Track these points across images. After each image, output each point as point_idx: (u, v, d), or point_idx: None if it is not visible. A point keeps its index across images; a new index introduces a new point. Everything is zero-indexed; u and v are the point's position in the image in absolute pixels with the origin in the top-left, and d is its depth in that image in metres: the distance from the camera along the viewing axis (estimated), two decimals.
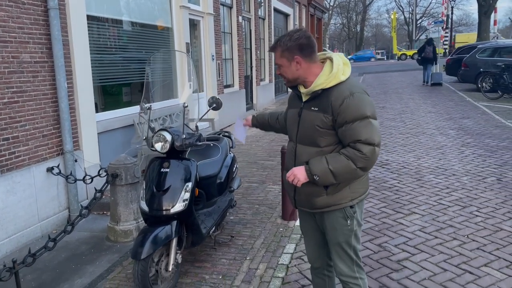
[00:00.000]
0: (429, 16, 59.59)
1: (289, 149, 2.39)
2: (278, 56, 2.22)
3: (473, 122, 9.33)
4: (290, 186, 2.34)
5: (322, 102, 2.16)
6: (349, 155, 2.10)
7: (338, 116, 2.10)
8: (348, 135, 2.11)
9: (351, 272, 2.34)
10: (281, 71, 2.25)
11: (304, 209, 2.38)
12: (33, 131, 4.39)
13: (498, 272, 3.28)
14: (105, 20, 5.84)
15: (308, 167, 2.16)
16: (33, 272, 3.66)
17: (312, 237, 2.50)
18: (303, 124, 2.26)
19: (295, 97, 2.39)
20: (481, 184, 5.32)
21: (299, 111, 2.30)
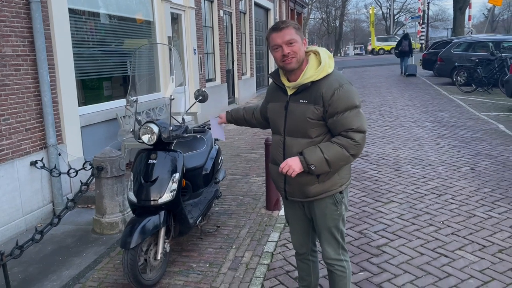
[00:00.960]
0: (406, 12, 60.49)
1: (276, 142, 2.42)
2: (293, 33, 2.20)
3: (449, 115, 9.63)
4: (280, 177, 2.40)
5: (312, 94, 2.22)
6: (342, 143, 2.19)
7: (329, 107, 2.18)
8: (340, 125, 2.20)
9: (337, 255, 2.47)
10: (294, 48, 2.19)
11: (296, 199, 2.43)
12: (16, 125, 4.37)
13: (471, 255, 3.47)
14: (87, 13, 5.82)
15: (303, 157, 2.22)
16: (20, 265, 3.67)
17: (298, 225, 2.60)
18: (292, 117, 2.29)
19: (277, 91, 2.41)
20: (456, 173, 5.55)
21: (285, 104, 2.33)
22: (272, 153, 2.47)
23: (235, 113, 2.87)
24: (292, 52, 2.19)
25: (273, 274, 3.32)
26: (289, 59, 2.20)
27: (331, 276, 2.54)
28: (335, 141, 2.22)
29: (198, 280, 3.28)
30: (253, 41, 14.50)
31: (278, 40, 2.19)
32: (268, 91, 2.54)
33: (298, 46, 2.20)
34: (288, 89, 2.32)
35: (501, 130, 7.93)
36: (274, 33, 2.21)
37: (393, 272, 3.26)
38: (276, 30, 2.21)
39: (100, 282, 3.35)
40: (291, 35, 2.19)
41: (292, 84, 2.28)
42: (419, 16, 36.38)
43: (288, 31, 2.19)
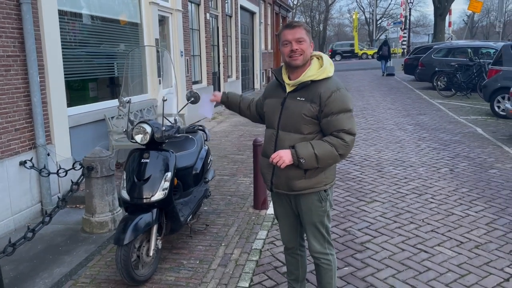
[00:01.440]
0: (388, 17, 61.49)
1: (269, 135, 2.54)
2: (304, 33, 2.36)
3: (429, 118, 9.91)
4: (268, 169, 2.52)
5: (310, 93, 2.36)
6: (332, 143, 2.33)
7: (325, 107, 2.32)
8: (333, 125, 2.33)
9: (323, 249, 2.60)
10: (302, 46, 2.34)
11: (281, 191, 2.53)
12: (5, 125, 4.40)
13: (450, 251, 3.65)
14: (76, 15, 5.87)
15: (295, 150, 2.33)
16: (10, 263, 3.71)
17: (286, 220, 2.70)
18: (287, 112, 2.42)
19: (276, 88, 2.55)
20: (436, 174, 5.76)
21: (282, 101, 2.46)
22: (264, 146, 2.59)
23: (232, 97, 2.92)
24: (300, 50, 2.34)
25: (262, 270, 3.44)
26: (296, 56, 2.35)
27: (318, 269, 2.67)
28: (327, 140, 2.35)
29: (189, 276, 3.37)
30: (239, 44, 14.63)
31: (289, 36, 2.34)
32: (267, 88, 2.68)
33: (306, 45, 2.36)
34: (287, 86, 2.45)
35: (479, 133, 8.22)
36: (286, 30, 2.37)
37: (376, 267, 3.42)
38: (289, 27, 2.37)
39: (92, 278, 3.42)
40: (301, 34, 2.34)
41: (292, 82, 2.42)
42: (401, 22, 37.08)
43: (299, 30, 2.35)
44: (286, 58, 2.39)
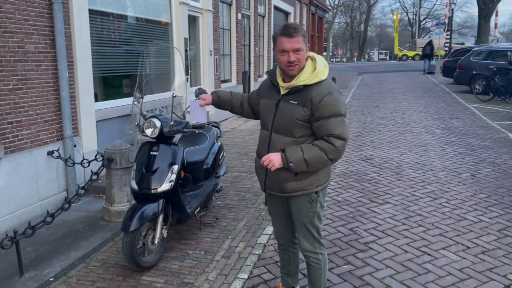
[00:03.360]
0: (433, 18, 59.68)
1: (263, 136, 2.57)
2: (301, 41, 2.30)
3: (461, 122, 9.64)
4: (262, 170, 2.56)
5: (303, 97, 2.35)
6: (322, 147, 2.33)
7: (316, 111, 2.32)
8: (324, 129, 2.33)
9: (313, 248, 2.64)
10: (299, 56, 2.31)
11: (274, 192, 2.58)
12: (35, 117, 4.71)
13: (454, 255, 3.61)
14: (106, 14, 6.16)
15: (285, 154, 2.34)
16: (32, 245, 3.99)
17: (279, 218, 2.76)
18: (281, 115, 2.43)
19: (271, 89, 2.54)
20: (455, 179, 5.65)
21: (276, 103, 2.47)
22: (258, 147, 2.63)
23: (223, 95, 2.90)
24: (297, 60, 2.31)
25: (263, 263, 3.54)
26: (293, 67, 2.32)
27: (308, 267, 2.73)
28: (317, 144, 2.35)
29: (193, 265, 3.52)
30: (271, 44, 14.74)
31: (287, 46, 2.29)
32: (262, 86, 2.67)
33: (303, 54, 2.32)
34: (281, 88, 2.45)
35: (510, 139, 7.94)
36: (284, 37, 2.29)
37: (375, 267, 3.44)
38: (287, 35, 2.28)
39: (102, 263, 3.64)
40: (299, 44, 2.29)
41: (286, 85, 2.41)
42: (444, 23, 35.90)
43: (298, 39, 2.29)
44: (283, 67, 2.36)
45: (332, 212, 4.62)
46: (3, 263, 3.67)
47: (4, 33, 4.23)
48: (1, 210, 4.30)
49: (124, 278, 3.36)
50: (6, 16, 4.24)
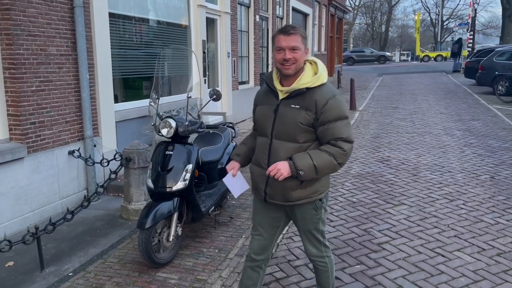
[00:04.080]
0: (456, 18, 58.62)
1: (261, 144, 2.43)
2: (299, 40, 2.25)
3: (482, 124, 9.48)
4: (262, 179, 2.41)
5: (305, 101, 2.28)
6: (331, 152, 2.27)
7: (321, 115, 2.26)
8: (330, 133, 2.27)
9: (320, 253, 2.59)
10: (296, 55, 2.24)
11: (276, 202, 2.43)
12: (57, 117, 4.87)
13: (468, 256, 3.58)
14: (125, 17, 6.31)
15: (293, 162, 2.24)
16: (53, 242, 4.13)
17: (267, 230, 2.57)
18: (282, 120, 2.33)
19: (268, 94, 2.43)
20: (474, 180, 5.57)
21: (275, 108, 2.36)
22: (257, 154, 2.48)
23: (241, 151, 2.70)
24: (293, 59, 2.23)
25: (275, 262, 3.58)
26: (288, 65, 2.25)
27: (316, 270, 2.69)
28: (324, 149, 2.28)
29: (206, 263, 3.59)
30: None
31: (283, 43, 2.24)
32: (258, 94, 2.56)
33: (300, 54, 2.25)
34: (280, 93, 2.36)
35: None
36: (282, 35, 2.26)
37: (388, 267, 3.44)
38: (284, 33, 2.25)
39: (119, 259, 3.74)
40: (296, 42, 2.23)
41: (286, 89, 2.32)
42: (467, 23, 35.25)
43: (295, 38, 2.24)
44: (278, 65, 2.30)
45: (346, 213, 4.63)
46: (25, 258, 3.81)
47: (27, 36, 4.39)
48: (24, 208, 4.46)
49: (140, 274, 3.45)
50: (29, 20, 4.40)
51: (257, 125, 2.50)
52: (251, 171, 2.53)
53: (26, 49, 4.38)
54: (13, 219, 4.34)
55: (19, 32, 4.29)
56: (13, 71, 4.28)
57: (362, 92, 16.57)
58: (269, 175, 2.30)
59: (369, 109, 12.32)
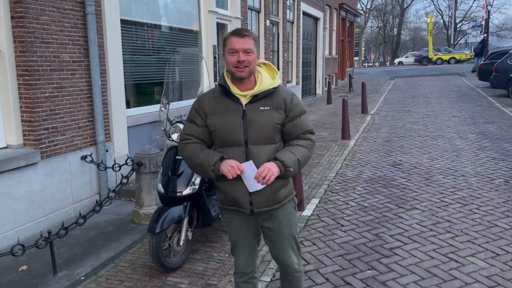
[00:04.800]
0: (469, 20, 58.00)
1: (235, 154, 2.26)
2: (252, 44, 2.22)
3: (496, 127, 9.34)
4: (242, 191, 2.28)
5: (274, 101, 2.28)
6: (304, 145, 2.33)
7: (290, 111, 2.31)
8: (300, 127, 2.34)
9: (298, 261, 2.51)
10: (250, 58, 2.20)
11: (264, 209, 2.33)
12: (70, 123, 4.94)
13: (482, 262, 3.52)
14: (137, 23, 6.38)
15: (281, 161, 2.21)
16: (66, 246, 4.18)
17: (249, 241, 2.50)
18: (255, 125, 2.25)
19: (224, 101, 2.29)
20: (488, 184, 5.49)
21: (241, 114, 2.26)
22: None
23: None
24: (247, 61, 2.19)
25: None
26: (242, 68, 2.20)
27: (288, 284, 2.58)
28: (298, 144, 2.32)
29: (217, 267, 3.59)
30: (300, 50, 14.77)
31: (237, 45, 2.19)
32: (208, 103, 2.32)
33: (253, 57, 2.22)
34: (242, 97, 2.27)
35: None
36: (235, 37, 2.21)
37: (400, 272, 3.40)
38: (237, 35, 2.21)
39: (131, 263, 3.76)
40: (250, 45, 2.20)
41: (252, 92, 2.26)
42: (481, 25, 34.88)
43: (249, 40, 2.21)
44: (231, 68, 2.22)
45: (357, 217, 4.59)
46: (38, 262, 3.85)
47: (41, 43, 4.46)
48: (38, 212, 4.52)
49: (151, 278, 3.47)
50: (43, 27, 4.48)
51: (221, 136, 2.30)
52: (222, 188, 2.36)
53: (39, 56, 4.45)
54: (27, 223, 4.40)
55: (32, 39, 4.36)
56: (27, 77, 4.35)
57: (374, 96, 16.48)
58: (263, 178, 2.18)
59: (381, 113, 12.23)
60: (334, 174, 6.28)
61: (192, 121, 2.36)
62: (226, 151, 2.28)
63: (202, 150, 2.31)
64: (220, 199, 2.44)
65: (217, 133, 2.30)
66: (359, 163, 6.85)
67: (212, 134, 2.33)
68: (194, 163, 2.32)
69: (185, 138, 2.38)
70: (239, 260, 2.54)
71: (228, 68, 2.26)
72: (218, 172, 2.23)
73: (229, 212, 2.43)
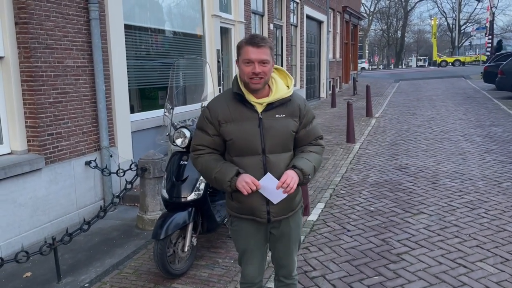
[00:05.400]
0: (473, 22, 57.86)
1: (253, 164, 2.19)
2: (269, 53, 2.13)
3: (502, 130, 9.26)
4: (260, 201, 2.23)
5: (289, 108, 2.24)
6: (317, 151, 2.33)
7: (304, 118, 2.28)
8: (312, 134, 2.33)
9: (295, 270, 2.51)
10: (265, 69, 2.12)
11: (281, 217, 2.30)
12: (74, 128, 4.92)
13: (492, 267, 3.46)
14: (141, 28, 6.38)
15: (300, 169, 2.17)
16: (70, 252, 4.16)
17: (259, 250, 2.44)
18: (271, 133, 2.20)
19: (239, 109, 2.21)
20: (495, 188, 5.42)
21: (258, 123, 2.19)
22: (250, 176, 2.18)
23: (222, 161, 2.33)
24: (263, 73, 2.11)
25: None
26: (258, 80, 2.12)
27: None
28: (311, 150, 2.31)
29: (222, 274, 3.55)
30: (303, 53, 14.74)
31: (253, 56, 2.10)
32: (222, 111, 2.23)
33: (269, 67, 2.14)
34: (258, 105, 2.20)
35: None
36: (251, 47, 2.11)
37: (408, 278, 3.35)
38: (253, 45, 2.11)
39: (135, 269, 3.73)
40: (266, 55, 2.11)
41: (268, 100, 2.20)
42: (485, 27, 34.79)
43: (265, 50, 2.11)
44: (246, 79, 2.14)
45: (364, 222, 4.54)
46: (43, 269, 3.83)
47: (45, 49, 4.46)
48: (42, 218, 4.50)
49: (155, 285, 3.44)
50: (47, 33, 4.48)
51: (237, 145, 2.21)
52: (238, 198, 2.27)
53: (43, 62, 4.45)
54: (31, 229, 4.38)
55: (36, 45, 4.36)
56: (31, 83, 4.35)
57: (378, 99, 16.41)
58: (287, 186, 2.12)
59: (386, 116, 12.17)
60: (340, 178, 6.23)
61: (203, 130, 2.27)
62: (242, 160, 2.21)
63: (216, 163, 2.23)
64: (235, 208, 2.34)
65: (234, 142, 2.21)
66: (364, 167, 6.80)
67: (228, 143, 2.23)
68: (209, 176, 2.25)
69: (197, 149, 2.30)
70: (247, 270, 2.46)
71: (242, 78, 2.17)
72: (234, 187, 2.17)
73: (241, 221, 2.35)
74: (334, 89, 15.22)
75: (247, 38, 2.16)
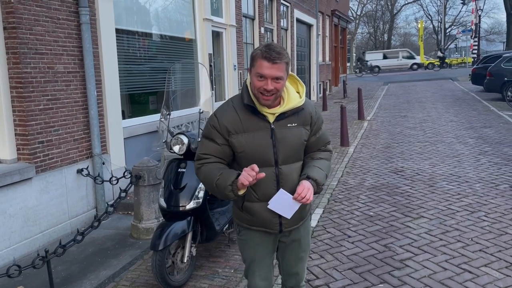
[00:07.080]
0: (458, 25, 58.62)
1: (266, 175, 2.05)
2: (284, 69, 2.03)
3: (494, 131, 9.31)
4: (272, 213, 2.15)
5: (301, 117, 2.17)
6: (326, 157, 2.28)
7: (314, 125, 2.23)
8: (322, 140, 2.28)
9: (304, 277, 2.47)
10: (278, 86, 2.03)
11: (292, 227, 2.25)
12: (65, 136, 4.78)
13: (497, 272, 3.41)
14: (132, 32, 6.26)
15: (315, 180, 2.11)
16: (63, 264, 4.01)
17: (268, 259, 2.36)
18: (285, 144, 2.13)
19: (250, 119, 2.12)
20: (493, 190, 5.40)
21: (270, 133, 2.11)
22: (260, 189, 2.13)
23: None
24: (275, 89, 2.02)
25: None
26: (269, 96, 2.04)
27: None
28: (321, 157, 2.26)
29: (222, 284, 3.44)
30: (294, 56, 14.71)
31: (266, 71, 1.99)
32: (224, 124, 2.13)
33: (282, 84, 2.04)
34: (269, 115, 2.12)
35: None
36: (265, 62, 1.99)
37: (413, 285, 3.28)
38: (269, 60, 1.99)
39: (132, 282, 3.60)
40: (281, 72, 2.01)
41: (281, 109, 2.12)
42: (471, 30, 35.22)
43: (281, 67, 2.01)
44: (256, 93, 2.05)
45: (364, 227, 4.47)
46: (35, 283, 3.68)
47: (35, 54, 4.32)
48: (33, 229, 4.35)
49: None
50: (36, 38, 4.34)
51: (250, 157, 2.11)
52: (249, 209, 2.19)
53: (33, 68, 4.31)
54: (22, 241, 4.23)
55: (26, 50, 4.22)
56: (21, 90, 4.20)
57: (369, 101, 16.45)
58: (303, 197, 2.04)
59: (377, 119, 12.18)
60: (336, 182, 6.17)
61: (210, 139, 2.16)
62: None
63: (219, 170, 2.12)
64: (246, 220, 2.25)
65: (246, 154, 2.12)
66: (360, 171, 6.75)
67: (239, 155, 2.14)
68: (211, 184, 2.13)
69: (202, 158, 2.19)
70: (254, 281, 2.36)
71: (253, 90, 2.08)
72: (237, 192, 2.05)
73: (251, 232, 2.27)
74: (325, 92, 15.21)
75: (263, 50, 2.02)
